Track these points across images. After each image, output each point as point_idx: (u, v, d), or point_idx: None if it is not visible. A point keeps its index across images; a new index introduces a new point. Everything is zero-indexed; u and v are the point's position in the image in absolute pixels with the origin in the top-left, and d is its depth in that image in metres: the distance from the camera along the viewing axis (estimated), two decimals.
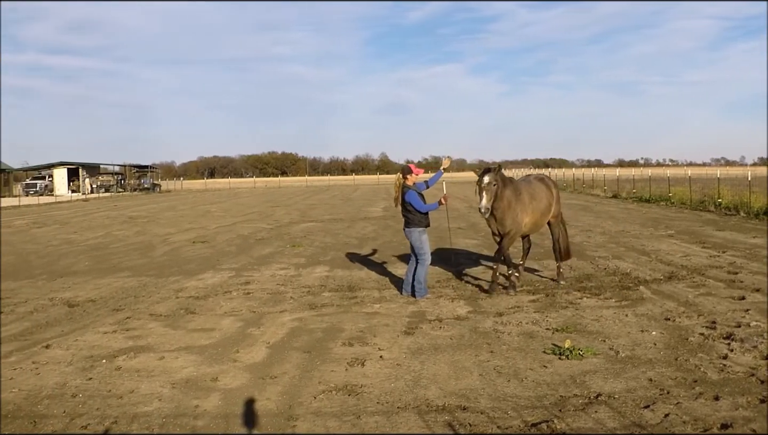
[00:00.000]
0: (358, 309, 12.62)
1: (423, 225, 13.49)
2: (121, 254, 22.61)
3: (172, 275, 17.57)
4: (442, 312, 12.12)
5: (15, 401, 8.16)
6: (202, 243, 25.25)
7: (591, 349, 9.30)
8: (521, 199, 13.90)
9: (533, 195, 14.32)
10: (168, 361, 9.60)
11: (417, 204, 13.34)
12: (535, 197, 14.34)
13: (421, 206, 13.37)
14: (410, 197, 13.38)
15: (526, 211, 13.97)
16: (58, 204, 70.56)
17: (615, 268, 16.31)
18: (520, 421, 6.97)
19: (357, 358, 9.37)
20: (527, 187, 14.40)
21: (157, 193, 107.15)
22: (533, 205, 14.17)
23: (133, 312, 13.05)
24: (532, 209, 14.14)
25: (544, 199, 14.52)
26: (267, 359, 9.57)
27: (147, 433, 7.05)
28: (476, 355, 9.35)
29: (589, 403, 7.43)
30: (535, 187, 14.61)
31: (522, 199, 13.92)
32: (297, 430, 7.01)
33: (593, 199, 47.87)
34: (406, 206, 13.47)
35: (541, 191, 14.62)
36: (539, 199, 14.40)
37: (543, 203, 14.48)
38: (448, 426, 6.93)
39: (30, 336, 11.43)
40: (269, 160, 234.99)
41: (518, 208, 13.79)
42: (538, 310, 12.04)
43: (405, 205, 13.49)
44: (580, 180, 71.41)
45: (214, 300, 13.95)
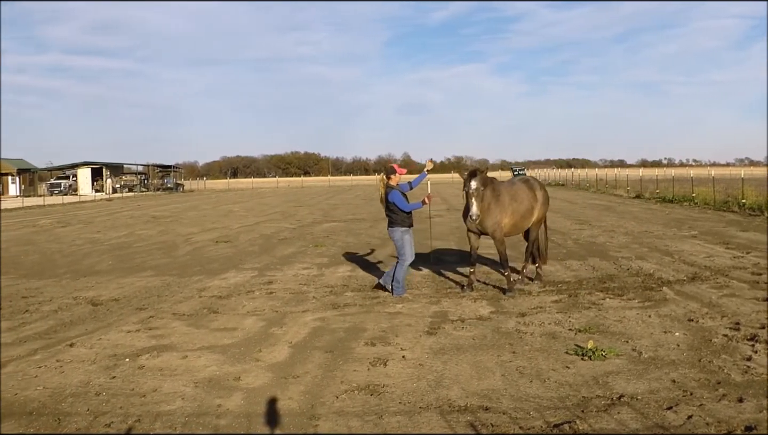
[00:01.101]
0: (381, 309, 12.62)
1: (406, 225, 13.69)
2: (145, 254, 22.70)
3: (195, 275, 17.63)
4: (465, 312, 12.11)
5: (40, 399, 8.20)
6: (224, 242, 25.32)
7: (614, 350, 9.27)
8: (501, 201, 13.93)
9: (514, 196, 14.31)
10: (191, 360, 9.63)
11: (401, 203, 13.53)
12: (516, 199, 14.32)
13: (404, 205, 13.56)
14: (393, 197, 13.55)
15: (505, 212, 13.98)
16: (82, 203, 70.95)
17: (638, 268, 16.24)
18: (543, 422, 6.95)
19: (379, 358, 9.37)
20: (508, 189, 14.43)
21: (180, 192, 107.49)
22: (513, 207, 14.17)
23: (156, 311, 13.11)
24: (512, 211, 14.14)
25: (525, 201, 14.48)
26: (289, 359, 9.58)
27: (170, 432, 7.07)
28: (498, 356, 9.34)
29: (611, 404, 7.40)
30: (517, 189, 14.60)
31: (502, 201, 13.94)
32: (319, 429, 7.02)
33: (616, 200, 47.66)
34: (390, 206, 13.65)
35: (523, 193, 14.58)
36: (520, 201, 14.37)
37: (524, 205, 14.44)
38: (470, 426, 6.92)
39: (54, 334, 11.50)
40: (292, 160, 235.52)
41: (497, 209, 13.83)
42: (560, 310, 12.01)
43: (389, 204, 13.66)
44: (602, 180, 71.12)
45: (237, 299, 13.99)
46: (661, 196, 45.40)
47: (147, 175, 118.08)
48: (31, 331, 11.83)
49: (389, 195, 13.61)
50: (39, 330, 11.87)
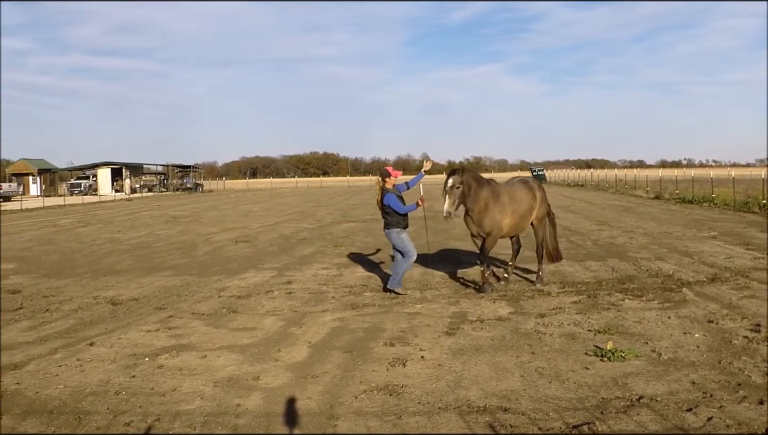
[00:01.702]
0: (400, 309, 12.63)
1: (401, 226, 13.91)
2: (164, 253, 22.78)
3: (214, 274, 17.68)
4: (484, 313, 12.10)
5: (60, 397, 8.25)
6: (244, 242, 25.37)
7: (633, 351, 9.24)
8: (500, 201, 13.95)
9: (513, 197, 14.34)
10: (210, 360, 9.66)
11: (396, 206, 13.71)
12: (515, 199, 14.34)
13: (399, 208, 13.72)
14: (389, 200, 13.73)
15: (505, 212, 13.99)
16: (102, 203, 71.27)
17: (657, 269, 16.19)
18: (562, 423, 6.95)
19: (398, 358, 9.38)
20: (507, 189, 14.46)
21: (200, 192, 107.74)
22: (513, 207, 14.18)
23: (175, 311, 13.15)
24: (512, 211, 14.15)
25: (524, 202, 14.50)
26: (308, 359, 9.60)
27: (189, 431, 7.10)
28: (517, 356, 9.33)
29: (630, 405, 7.39)
30: (515, 190, 14.63)
31: (501, 201, 13.97)
32: (338, 429, 7.03)
33: (635, 200, 47.51)
34: (386, 209, 13.80)
35: (522, 193, 14.60)
36: (519, 201, 14.40)
37: (523, 205, 14.46)
38: (489, 427, 6.92)
39: (75, 333, 11.56)
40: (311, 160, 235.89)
41: (496, 209, 13.85)
42: (579, 311, 11.99)
43: (384, 207, 13.80)
44: (622, 181, 70.94)
45: (256, 299, 14.03)
46: (681, 197, 45.21)
47: (167, 175, 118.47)
48: (51, 330, 11.90)
49: (385, 198, 13.78)
50: (59, 329, 11.94)
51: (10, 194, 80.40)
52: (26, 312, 13.49)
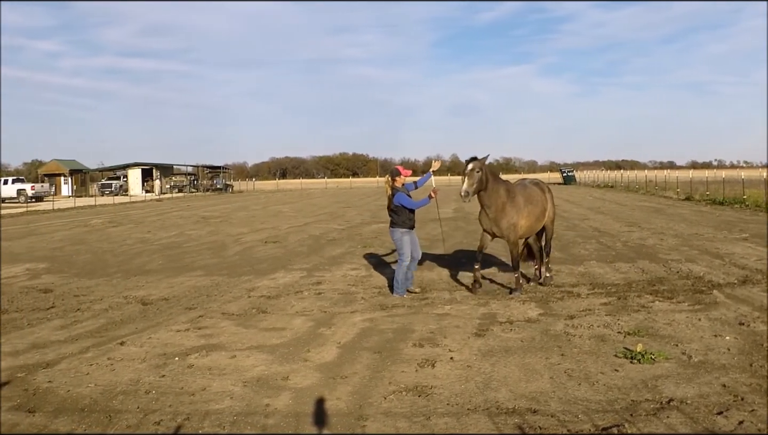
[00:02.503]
0: (429, 310, 12.63)
1: (407, 226, 13.94)
2: (194, 253, 22.89)
3: (244, 275, 17.74)
4: (513, 314, 12.08)
5: (91, 396, 8.32)
6: (273, 243, 25.44)
7: (663, 354, 9.20)
8: (516, 202, 13.95)
9: (529, 198, 14.34)
10: (239, 360, 9.70)
11: (407, 203, 13.81)
12: (531, 201, 14.35)
13: (411, 204, 13.83)
14: (399, 198, 13.80)
15: (521, 213, 13.98)
16: (133, 204, 71.62)
17: (688, 271, 16.10)
18: (591, 425, 6.93)
19: (427, 359, 9.38)
20: (523, 191, 14.44)
21: (230, 193, 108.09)
22: (528, 209, 14.18)
23: (205, 311, 13.22)
24: (528, 213, 14.15)
25: (539, 204, 14.55)
26: (338, 359, 9.62)
27: (218, 431, 7.13)
28: (547, 358, 9.31)
29: (660, 408, 7.36)
30: (530, 191, 14.63)
31: (517, 202, 13.96)
32: (367, 430, 7.05)
33: (666, 202, 47.20)
34: (394, 207, 13.89)
35: (537, 195, 14.64)
36: (535, 203, 14.42)
37: (539, 207, 14.50)
38: (518, 428, 6.92)
39: (105, 333, 11.64)
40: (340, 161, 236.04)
41: (513, 210, 13.85)
42: (609, 313, 11.94)
43: (394, 206, 13.89)
44: (652, 182, 70.52)
45: (286, 299, 14.07)
46: (712, 198, 44.87)
47: (197, 176, 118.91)
48: (82, 329, 11.99)
49: (395, 197, 13.85)
50: (90, 328, 12.03)
51: (43, 194, 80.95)
52: (58, 311, 13.60)
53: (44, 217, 48.05)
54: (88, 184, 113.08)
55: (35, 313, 13.50)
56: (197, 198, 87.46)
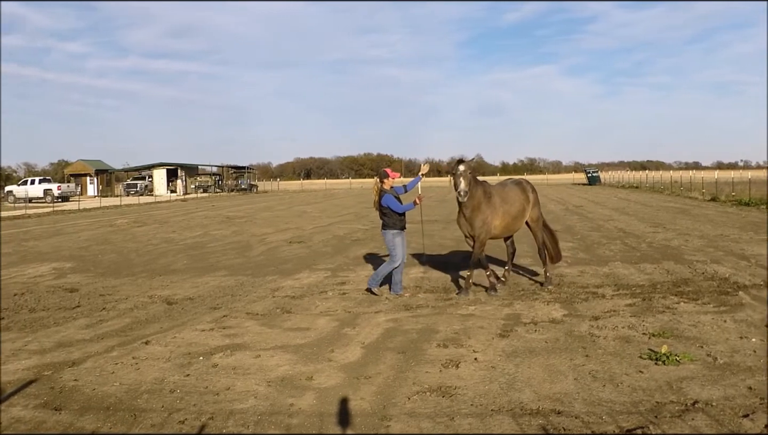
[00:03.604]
0: (453, 310, 12.63)
1: (398, 227, 14.16)
2: (219, 253, 22.96)
3: (268, 275, 17.79)
4: (537, 315, 12.06)
5: (117, 394, 8.37)
6: (298, 243, 25.49)
7: (688, 355, 9.16)
8: (492, 202, 14.04)
9: (505, 198, 14.42)
10: (264, 360, 9.73)
11: (394, 205, 14.00)
12: (507, 201, 14.42)
13: (397, 207, 14.01)
14: (387, 200, 14.04)
15: (496, 213, 14.07)
16: (158, 204, 71.91)
17: (713, 272, 16.02)
18: (615, 427, 6.91)
19: (451, 360, 9.38)
20: (500, 191, 14.55)
21: (254, 193, 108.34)
22: (504, 208, 14.26)
23: (230, 310, 13.26)
24: (503, 212, 14.23)
25: (516, 203, 14.57)
26: (362, 359, 9.64)
27: (243, 430, 7.16)
28: (571, 359, 9.29)
29: (685, 410, 7.33)
30: (508, 191, 14.71)
31: (492, 202, 14.06)
32: (390, 430, 7.05)
33: (691, 202, 46.93)
34: (383, 209, 14.08)
35: (515, 195, 14.68)
36: (511, 203, 14.47)
37: (515, 207, 14.53)
38: (542, 429, 6.91)
39: (130, 332, 11.71)
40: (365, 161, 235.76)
41: (488, 210, 13.94)
42: (634, 314, 11.90)
43: (382, 208, 14.09)
44: (677, 182, 70.17)
45: (310, 300, 14.10)
46: (738, 199, 44.58)
47: (221, 176, 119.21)
48: (108, 328, 12.06)
49: (383, 199, 14.07)
50: (116, 327, 12.10)
51: (69, 194, 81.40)
52: (83, 310, 13.69)
53: (70, 217, 48.32)
54: (113, 184, 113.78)
55: (61, 312, 13.59)
56: (222, 198, 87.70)
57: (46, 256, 23.70)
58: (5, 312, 13.73)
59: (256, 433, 7.07)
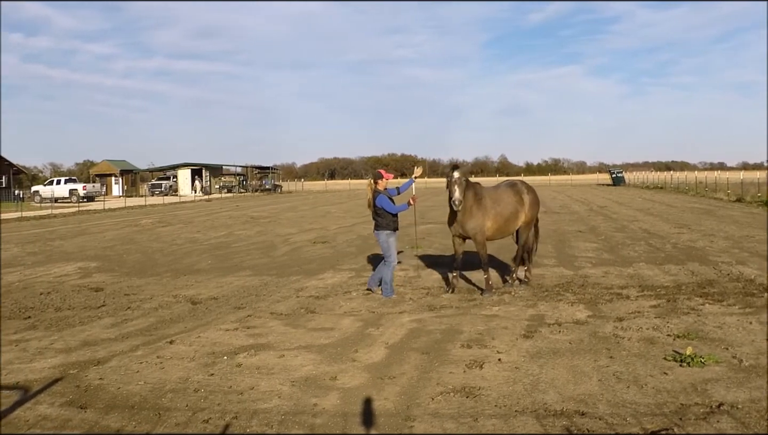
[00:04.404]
0: (477, 311, 12.62)
1: (391, 228, 14.32)
2: (243, 253, 23.02)
3: (292, 275, 17.83)
4: (562, 316, 12.04)
5: (141, 393, 8.42)
6: (322, 243, 25.53)
7: (713, 357, 9.11)
8: (483, 204, 14.21)
9: (497, 200, 14.55)
10: (288, 360, 9.75)
11: (388, 206, 14.17)
12: (499, 203, 14.54)
13: (391, 208, 14.18)
14: (381, 201, 14.19)
15: (487, 215, 14.24)
16: (182, 204, 72.17)
17: (739, 273, 15.94)
18: (639, 429, 6.88)
19: (475, 361, 9.37)
20: (492, 193, 14.69)
21: (279, 193, 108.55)
22: (496, 210, 14.40)
23: (254, 310, 13.30)
24: (495, 214, 14.37)
25: (509, 206, 14.68)
26: (385, 359, 9.64)
27: (267, 430, 7.17)
28: (595, 360, 9.27)
29: (710, 412, 7.29)
30: (500, 194, 14.82)
31: (483, 204, 14.23)
32: (414, 430, 7.05)
33: (716, 203, 46.66)
34: (377, 210, 14.23)
35: (508, 197, 14.78)
36: (503, 205, 14.59)
37: (508, 209, 14.64)
38: (565, 431, 6.89)
39: (155, 331, 11.76)
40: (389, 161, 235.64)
41: (479, 212, 14.12)
42: (659, 315, 11.86)
43: (376, 208, 14.24)
44: (702, 183, 69.83)
45: (334, 300, 14.12)
46: (763, 200, 44.26)
47: (246, 176, 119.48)
48: (133, 327, 12.13)
49: (377, 199, 14.23)
50: (140, 327, 12.17)
51: (94, 194, 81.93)
52: (108, 309, 13.77)
53: (95, 217, 48.60)
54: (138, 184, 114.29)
55: (86, 311, 13.67)
56: (246, 198, 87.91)
57: (72, 255, 23.85)
58: (32, 311, 13.83)
59: (279, 433, 7.09)
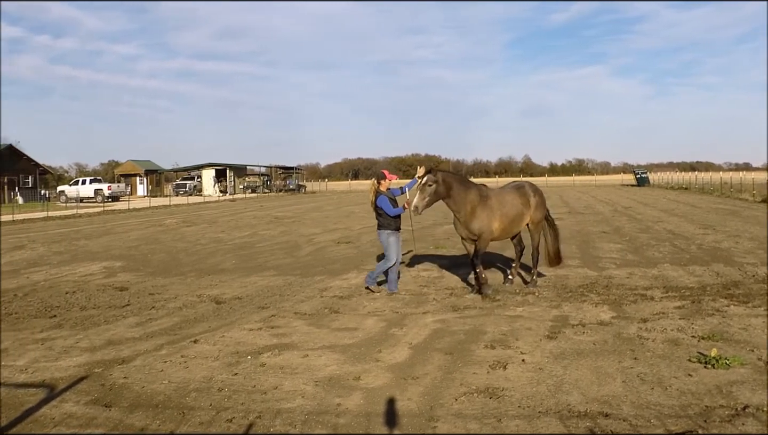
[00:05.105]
0: (501, 312, 12.60)
1: (392, 228, 14.58)
2: (267, 253, 23.10)
3: (316, 275, 17.87)
4: (586, 317, 12.00)
5: (165, 392, 8.46)
6: (346, 243, 25.59)
7: (738, 359, 9.06)
8: (488, 205, 14.23)
9: (502, 201, 14.59)
10: (311, 359, 9.77)
11: (387, 208, 14.40)
12: (504, 203, 14.59)
13: (390, 210, 14.40)
14: (381, 202, 14.41)
15: (493, 216, 14.24)
16: (207, 204, 72.43)
17: (764, 275, 15.82)
18: (663, 430, 6.86)
19: (499, 361, 9.36)
20: (497, 194, 14.72)
21: (303, 193, 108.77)
22: (502, 211, 14.43)
23: (278, 310, 13.33)
24: (501, 215, 14.39)
25: (515, 206, 14.74)
26: (409, 360, 9.64)
27: (290, 430, 7.19)
28: (619, 362, 9.24)
29: (735, 414, 7.25)
30: (506, 194, 14.89)
31: (489, 205, 14.24)
32: (437, 431, 7.05)
33: (741, 204, 46.34)
34: (378, 210, 14.41)
35: (514, 199, 14.84)
36: (510, 206, 14.64)
37: (514, 211, 14.69)
38: (589, 432, 6.88)
39: (179, 331, 11.82)
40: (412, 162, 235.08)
41: (484, 213, 14.11)
42: (683, 316, 11.81)
43: (377, 209, 14.41)
44: (727, 184, 69.41)
45: (358, 300, 14.14)
46: None
47: (270, 177, 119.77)
48: (157, 326, 12.19)
49: (378, 200, 14.42)
50: (165, 326, 12.22)
51: (119, 194, 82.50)
52: (133, 309, 13.85)
53: (120, 217, 48.90)
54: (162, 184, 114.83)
55: (111, 310, 13.76)
56: (270, 198, 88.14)
57: (97, 255, 23.99)
58: (57, 310, 13.94)
59: (303, 433, 7.11)
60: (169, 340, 11.16)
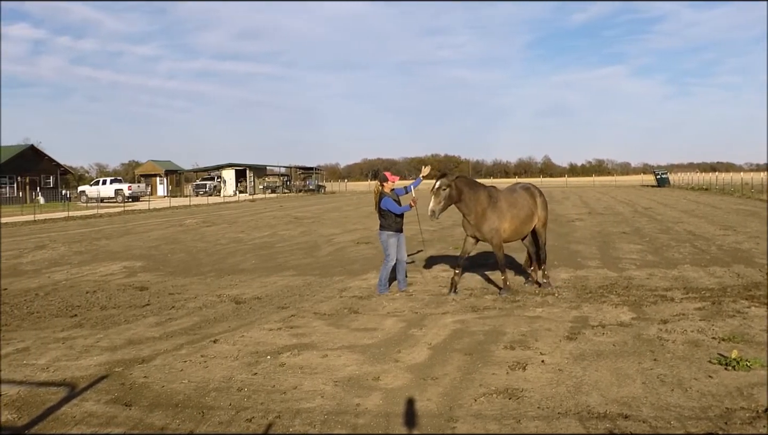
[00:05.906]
0: (521, 313, 12.58)
1: (393, 229, 14.77)
2: (287, 253, 23.14)
3: (336, 275, 17.90)
4: (606, 318, 11.97)
5: (185, 392, 8.49)
6: (365, 244, 25.58)
7: (759, 361, 9.01)
8: (498, 207, 14.25)
9: (513, 203, 14.61)
10: (331, 359, 9.78)
11: (392, 207, 14.54)
12: (515, 205, 14.61)
13: (396, 209, 14.52)
14: (386, 203, 14.53)
15: (504, 218, 14.28)
16: (226, 204, 72.61)
17: None
18: (684, 432, 6.83)
19: (518, 362, 9.34)
20: (507, 196, 14.72)
21: (322, 194, 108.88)
22: (512, 213, 14.46)
23: (297, 310, 13.35)
24: (511, 216, 14.42)
25: (525, 208, 14.78)
26: (428, 360, 9.63)
27: (309, 430, 7.20)
28: (639, 363, 9.21)
29: (756, 416, 7.22)
30: (516, 196, 14.88)
31: (499, 207, 14.27)
32: (457, 431, 7.04)
33: (762, 205, 46.02)
34: (382, 212, 14.53)
35: (524, 200, 14.87)
36: (519, 207, 14.67)
37: (524, 211, 14.72)
38: (609, 433, 6.86)
39: (199, 330, 11.86)
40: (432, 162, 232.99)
41: (494, 215, 14.15)
42: (703, 318, 11.75)
43: (381, 210, 14.53)
44: (748, 184, 69.12)
45: (377, 300, 14.15)
46: None
47: (289, 177, 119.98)
48: (177, 326, 12.23)
49: (382, 201, 14.51)
50: (185, 326, 12.27)
51: (139, 194, 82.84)
52: (153, 308, 13.91)
53: (140, 217, 49.11)
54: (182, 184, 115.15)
55: (131, 310, 13.82)
56: (290, 198, 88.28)
57: (117, 254, 24.11)
58: (78, 309, 14.02)
59: (322, 433, 7.12)
60: (188, 339, 11.20)
